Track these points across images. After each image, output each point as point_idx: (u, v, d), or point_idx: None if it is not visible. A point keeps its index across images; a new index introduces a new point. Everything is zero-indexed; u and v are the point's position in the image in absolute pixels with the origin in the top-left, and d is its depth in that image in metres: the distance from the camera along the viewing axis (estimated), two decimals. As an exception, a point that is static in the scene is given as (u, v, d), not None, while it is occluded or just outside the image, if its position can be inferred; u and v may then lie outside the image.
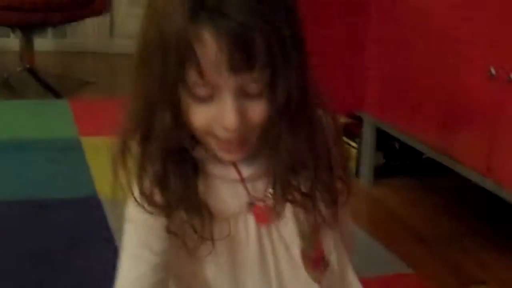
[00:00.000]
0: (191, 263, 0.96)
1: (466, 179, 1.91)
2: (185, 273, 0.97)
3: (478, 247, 1.97)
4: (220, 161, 0.92)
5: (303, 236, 0.96)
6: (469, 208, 2.26)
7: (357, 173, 2.40)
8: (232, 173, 0.93)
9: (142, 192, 0.90)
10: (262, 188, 0.95)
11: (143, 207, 0.90)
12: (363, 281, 1.04)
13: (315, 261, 0.97)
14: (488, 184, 1.81)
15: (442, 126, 2.00)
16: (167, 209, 0.90)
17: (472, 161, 1.87)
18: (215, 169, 0.93)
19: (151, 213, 0.90)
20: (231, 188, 0.94)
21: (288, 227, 0.96)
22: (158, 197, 0.90)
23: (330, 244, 0.99)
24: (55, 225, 1.93)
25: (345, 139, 2.31)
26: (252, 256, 0.95)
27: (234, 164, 0.93)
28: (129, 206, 0.93)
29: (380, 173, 2.43)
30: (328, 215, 0.95)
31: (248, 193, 0.94)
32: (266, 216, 0.95)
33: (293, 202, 0.93)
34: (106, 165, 0.90)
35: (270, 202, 0.94)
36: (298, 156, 0.89)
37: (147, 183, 0.90)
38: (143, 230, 0.93)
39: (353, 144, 2.42)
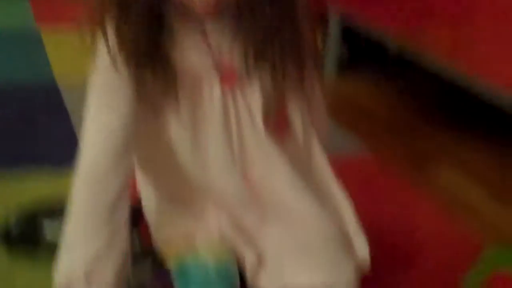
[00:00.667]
0: (155, 122, 0.95)
1: (431, 73, 1.91)
2: (149, 135, 0.97)
3: (440, 132, 1.99)
4: (187, 19, 0.90)
5: (267, 99, 0.95)
6: (432, 98, 2.27)
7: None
8: (198, 31, 0.91)
9: (120, 48, 0.88)
10: (229, 51, 0.93)
11: (114, 64, 0.88)
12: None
13: (277, 124, 0.97)
14: (452, 73, 1.82)
15: (407, 17, 1.98)
16: (135, 65, 0.89)
17: (436, 52, 1.86)
18: (182, 26, 0.91)
19: (119, 72, 0.89)
20: (198, 48, 0.92)
21: (253, 92, 0.95)
22: (126, 55, 0.89)
23: (294, 109, 0.98)
24: (15, 110, 1.91)
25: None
26: (215, 116, 0.94)
27: (201, 23, 0.91)
28: (95, 73, 0.92)
29: (345, 67, 2.42)
30: (296, 79, 0.94)
31: (213, 53, 0.93)
32: (232, 79, 0.94)
33: (262, 70, 0.92)
34: (64, 52, 0.88)
35: (236, 66, 0.93)
36: (275, 24, 0.89)
37: (120, 42, 0.88)
38: (109, 92, 0.92)
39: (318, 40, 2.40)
